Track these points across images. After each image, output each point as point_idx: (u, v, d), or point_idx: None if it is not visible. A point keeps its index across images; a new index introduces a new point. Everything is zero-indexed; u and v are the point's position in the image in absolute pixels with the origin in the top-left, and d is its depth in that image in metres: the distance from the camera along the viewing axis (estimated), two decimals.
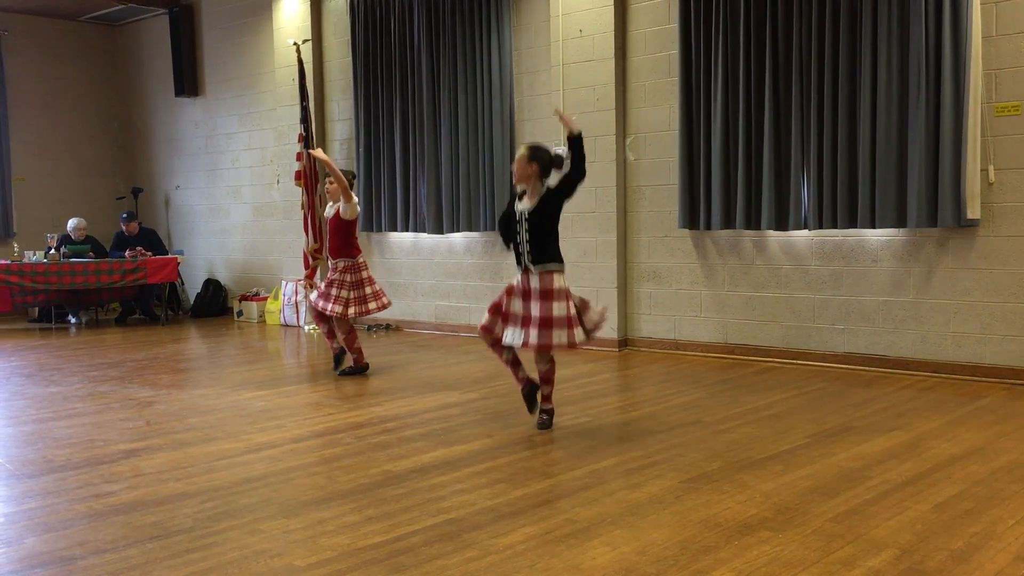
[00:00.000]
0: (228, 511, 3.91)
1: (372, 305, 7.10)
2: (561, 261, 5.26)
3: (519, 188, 5.31)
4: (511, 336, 5.20)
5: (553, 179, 5.27)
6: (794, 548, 3.36)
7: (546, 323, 5.09)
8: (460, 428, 5.38)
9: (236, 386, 6.87)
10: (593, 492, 4.08)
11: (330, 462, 4.69)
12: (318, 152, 7.10)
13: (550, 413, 5.41)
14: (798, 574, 3.14)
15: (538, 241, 5.19)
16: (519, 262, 5.28)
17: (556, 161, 5.28)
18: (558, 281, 5.17)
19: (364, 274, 7.12)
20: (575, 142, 5.18)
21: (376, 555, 3.37)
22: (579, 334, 5.16)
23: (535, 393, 5.40)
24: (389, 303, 7.28)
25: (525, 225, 5.20)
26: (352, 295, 6.99)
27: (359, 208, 7.48)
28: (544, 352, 5.22)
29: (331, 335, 7.26)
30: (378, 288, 7.20)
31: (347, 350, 7.19)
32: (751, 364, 7.40)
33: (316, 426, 5.53)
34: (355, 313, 6.98)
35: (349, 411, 5.91)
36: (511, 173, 5.26)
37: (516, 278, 5.32)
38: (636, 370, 7.40)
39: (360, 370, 7.23)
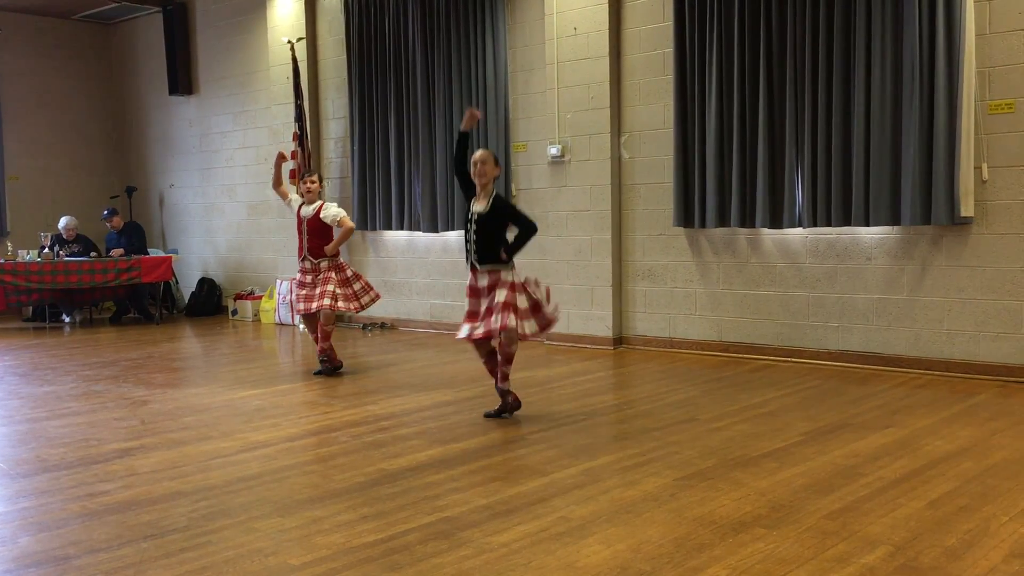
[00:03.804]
0: (223, 510, 3.91)
1: (363, 300, 7.13)
2: (508, 261, 5.46)
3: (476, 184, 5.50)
4: (464, 332, 5.47)
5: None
6: (788, 545, 3.37)
7: (504, 307, 5.32)
8: (455, 426, 5.38)
9: (231, 385, 6.86)
10: (588, 490, 4.08)
11: (325, 461, 4.68)
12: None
13: (514, 395, 5.57)
14: (792, 571, 3.14)
15: (485, 243, 5.44)
16: (467, 259, 5.54)
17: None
18: (505, 276, 5.42)
19: (349, 272, 7.14)
20: (514, 249, 5.43)
21: (371, 553, 3.37)
22: (529, 327, 5.42)
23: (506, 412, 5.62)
24: (379, 296, 7.31)
25: (473, 227, 5.45)
26: (340, 291, 6.99)
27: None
28: (506, 334, 5.36)
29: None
30: (360, 286, 7.19)
31: (323, 340, 7.04)
32: (746, 362, 7.41)
33: (311, 425, 5.53)
34: (343, 308, 6.99)
35: (344, 410, 5.91)
36: (473, 168, 5.45)
37: (469, 279, 5.59)
38: (631, 368, 7.41)
39: (337, 367, 7.19)
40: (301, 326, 10.22)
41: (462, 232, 9.28)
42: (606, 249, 8.23)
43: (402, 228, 9.80)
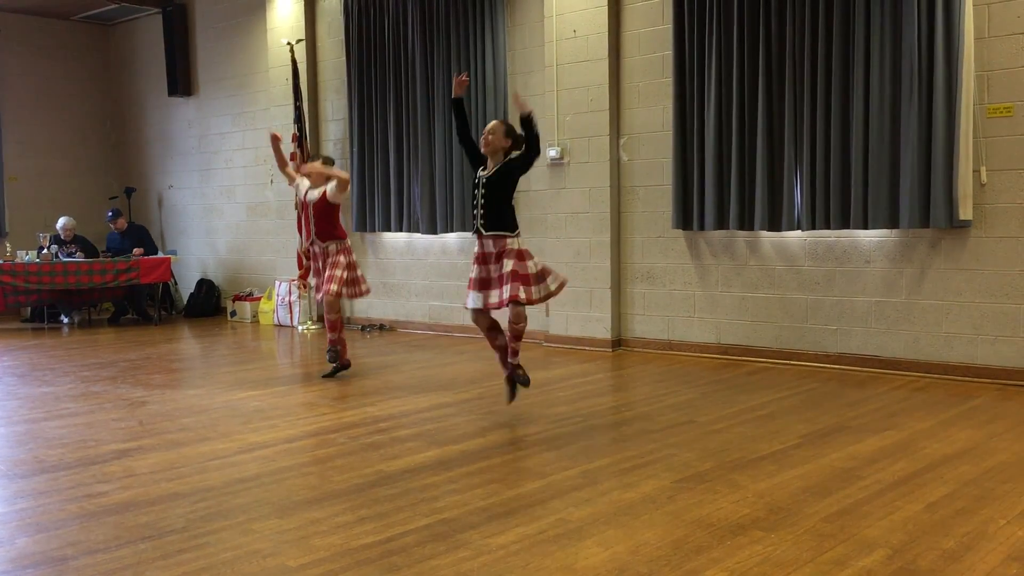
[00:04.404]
0: (221, 511, 3.90)
1: (363, 287, 7.14)
2: (514, 229, 5.50)
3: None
4: (473, 300, 5.50)
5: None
6: (786, 548, 3.37)
7: (513, 276, 5.34)
8: (453, 428, 5.38)
9: (229, 386, 6.85)
10: (586, 492, 4.08)
11: (323, 462, 4.68)
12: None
13: (523, 369, 5.62)
14: (790, 574, 3.14)
15: (492, 208, 5.47)
16: (473, 226, 5.56)
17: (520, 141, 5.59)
18: (512, 243, 5.45)
19: (354, 256, 7.14)
20: (526, 122, 5.45)
21: (369, 555, 3.37)
22: (536, 291, 5.44)
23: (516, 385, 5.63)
24: (369, 289, 7.29)
25: (482, 191, 5.48)
26: (347, 275, 6.99)
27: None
28: (513, 309, 5.38)
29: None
30: (360, 273, 7.20)
31: (330, 331, 6.99)
32: (744, 364, 7.41)
33: (309, 426, 5.53)
34: (347, 294, 7.01)
35: (342, 411, 5.91)
36: (480, 138, 5.57)
37: (476, 246, 5.59)
38: (629, 370, 7.41)
39: (344, 366, 7.14)
40: (300, 327, 10.25)
41: (461, 233, 9.36)
42: (605, 251, 8.23)
43: (401, 230, 9.80)
